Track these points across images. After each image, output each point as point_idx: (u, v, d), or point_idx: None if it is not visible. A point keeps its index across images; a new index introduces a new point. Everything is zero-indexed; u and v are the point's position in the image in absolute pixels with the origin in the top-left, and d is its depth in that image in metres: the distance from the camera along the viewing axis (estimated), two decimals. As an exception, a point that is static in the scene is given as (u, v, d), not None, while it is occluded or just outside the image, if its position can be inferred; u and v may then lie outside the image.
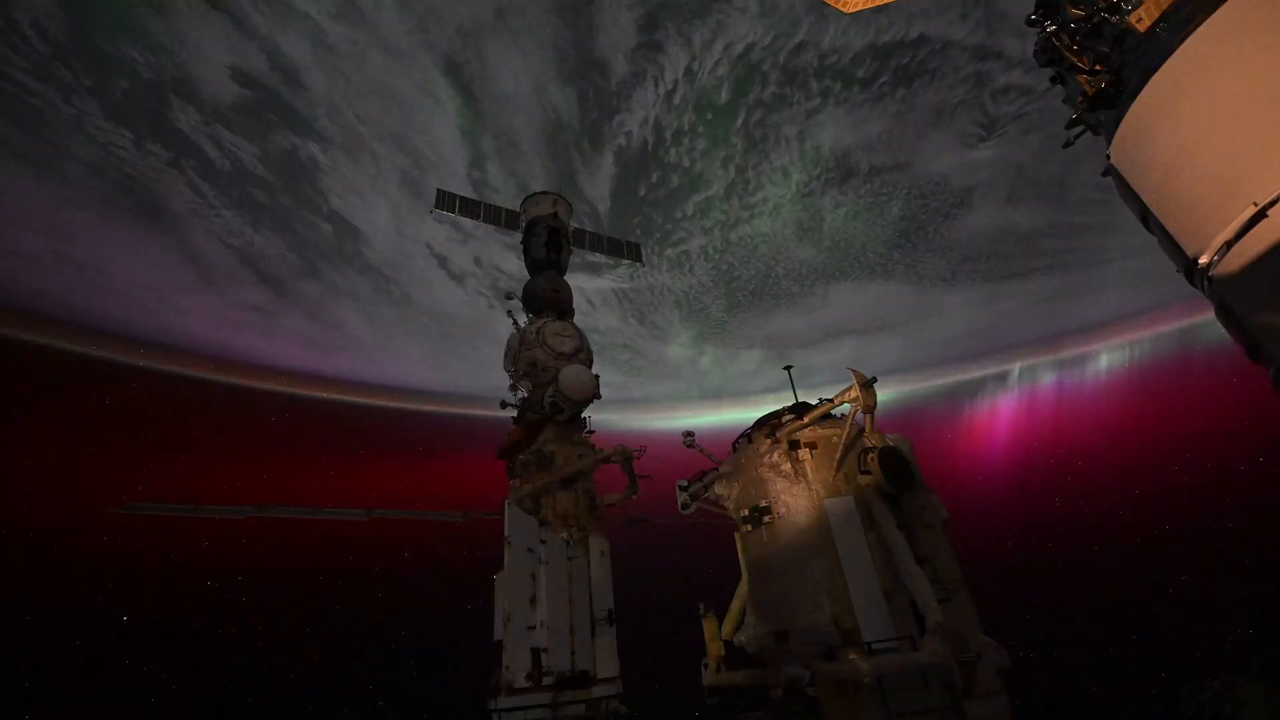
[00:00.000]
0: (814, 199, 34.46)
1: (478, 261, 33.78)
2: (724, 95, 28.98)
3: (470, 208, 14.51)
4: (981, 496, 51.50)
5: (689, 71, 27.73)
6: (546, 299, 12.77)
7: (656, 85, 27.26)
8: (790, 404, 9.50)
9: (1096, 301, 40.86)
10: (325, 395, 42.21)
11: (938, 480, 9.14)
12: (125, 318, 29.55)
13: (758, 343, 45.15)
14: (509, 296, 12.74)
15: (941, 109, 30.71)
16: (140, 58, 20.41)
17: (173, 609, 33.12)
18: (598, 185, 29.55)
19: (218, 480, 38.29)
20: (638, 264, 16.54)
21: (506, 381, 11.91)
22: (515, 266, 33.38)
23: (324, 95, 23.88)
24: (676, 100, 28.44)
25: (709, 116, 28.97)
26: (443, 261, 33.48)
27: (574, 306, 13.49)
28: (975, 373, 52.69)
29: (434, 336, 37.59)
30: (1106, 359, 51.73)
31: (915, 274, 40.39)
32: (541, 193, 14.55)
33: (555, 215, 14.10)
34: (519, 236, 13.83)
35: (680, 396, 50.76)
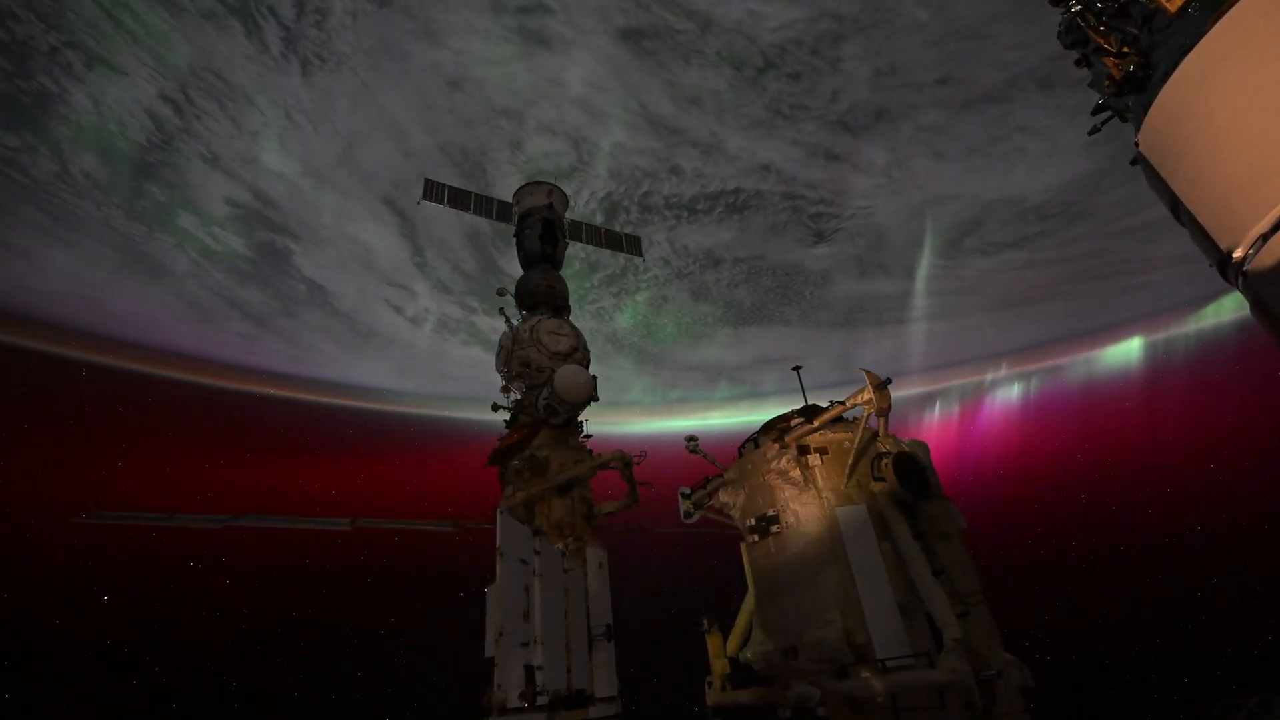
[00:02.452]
0: (695, 276, 45.99)
1: (427, 311, 44.61)
2: (599, 219, 40.48)
3: (460, 199, 14.50)
4: (995, 502, 52.23)
5: (582, 189, 39.93)
6: (541, 295, 12.74)
7: (567, 186, 38.75)
8: (799, 407, 9.49)
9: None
10: (302, 396, 48.66)
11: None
12: (121, 334, 37.69)
13: (695, 367, 53.81)
14: (501, 292, 12.70)
15: (774, 225, 42.96)
16: (158, 190, 31.66)
17: (152, 591, 35.33)
18: (514, 267, 41.24)
19: (198, 472, 42.22)
20: (638, 258, 16.55)
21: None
22: (460, 314, 45.09)
23: (294, 213, 35.70)
24: (581, 198, 40.00)
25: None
26: (398, 310, 44.02)
27: (569, 304, 13.46)
28: (944, 383, 58.79)
29: (398, 358, 47.90)
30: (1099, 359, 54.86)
31: (812, 321, 50.69)
32: (536, 183, 14.52)
33: (550, 207, 14.09)
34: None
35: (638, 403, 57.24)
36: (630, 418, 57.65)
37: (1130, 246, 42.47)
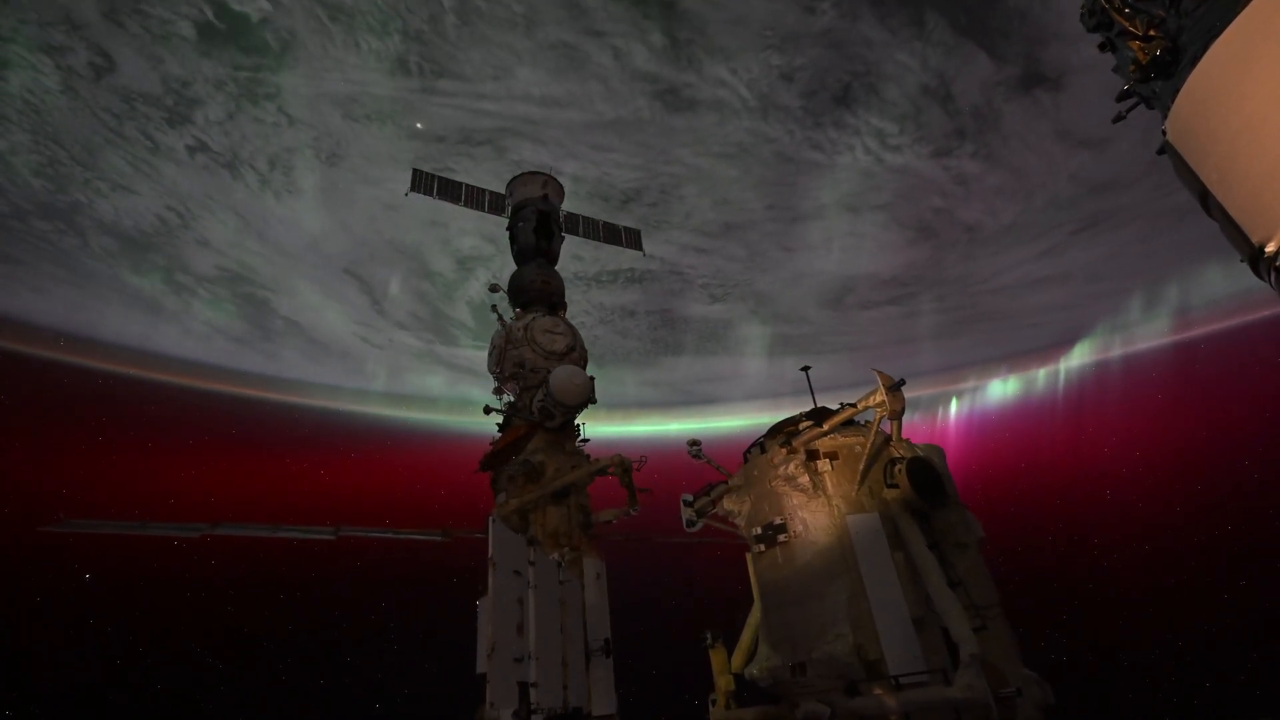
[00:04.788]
0: (616, 323, 55.88)
1: (391, 340, 55.87)
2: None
3: (450, 190, 14.49)
4: (1017, 507, 52.59)
5: (503, 267, 49.23)
6: (535, 291, 12.75)
7: (487, 269, 51.39)
8: (808, 409, 9.47)
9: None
10: (287, 399, 57.85)
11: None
12: (114, 343, 48.74)
13: (649, 383, 62.82)
14: (494, 288, 12.69)
15: (671, 291, 54.64)
16: (159, 259, 44.78)
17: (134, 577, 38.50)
18: (461, 310, 54.13)
19: (183, 469, 49.00)
20: (638, 251, 16.52)
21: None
22: (420, 343, 56.28)
23: (274, 278, 49.20)
24: (504, 275, 47.66)
25: (526, 285, 50.36)
26: (364, 339, 56.06)
27: (566, 300, 13.46)
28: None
29: (370, 376, 59.15)
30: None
31: (739, 351, 60.45)
32: (531, 173, 14.51)
33: (545, 198, 14.08)
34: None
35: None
36: (631, 420, 62.48)
37: (1001, 301, 53.55)
